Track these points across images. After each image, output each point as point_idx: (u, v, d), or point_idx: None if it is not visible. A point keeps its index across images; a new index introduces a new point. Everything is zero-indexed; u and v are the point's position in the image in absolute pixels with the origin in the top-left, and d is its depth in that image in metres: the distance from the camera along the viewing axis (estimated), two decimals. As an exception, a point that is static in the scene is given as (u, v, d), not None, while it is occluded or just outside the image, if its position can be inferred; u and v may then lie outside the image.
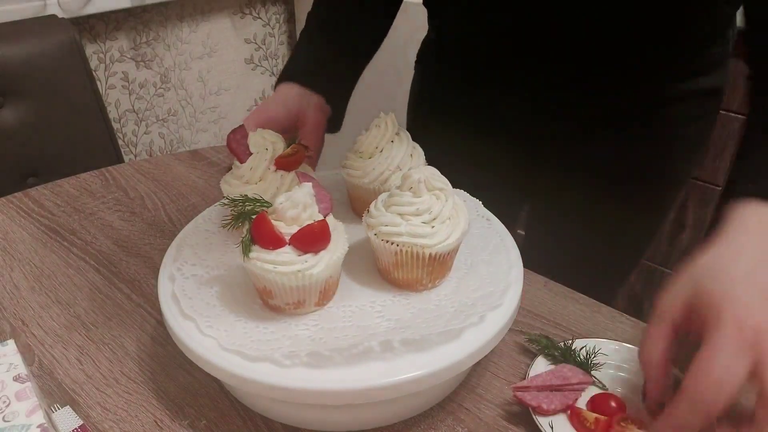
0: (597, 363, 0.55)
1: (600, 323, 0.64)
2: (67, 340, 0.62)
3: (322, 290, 0.51)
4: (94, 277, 0.71)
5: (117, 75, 1.69)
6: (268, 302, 0.52)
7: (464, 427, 0.53)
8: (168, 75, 1.81)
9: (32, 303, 0.67)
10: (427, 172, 0.53)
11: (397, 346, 0.48)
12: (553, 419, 0.50)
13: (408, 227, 0.52)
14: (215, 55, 1.91)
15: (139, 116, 1.80)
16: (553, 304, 0.67)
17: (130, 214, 0.84)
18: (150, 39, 1.73)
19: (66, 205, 0.87)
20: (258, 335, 0.49)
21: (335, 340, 0.49)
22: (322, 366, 0.47)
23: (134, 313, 0.66)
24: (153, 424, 0.53)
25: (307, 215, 0.50)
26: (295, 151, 0.61)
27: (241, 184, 0.60)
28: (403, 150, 0.61)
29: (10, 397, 0.45)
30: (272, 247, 0.49)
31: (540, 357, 0.57)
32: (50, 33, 1.17)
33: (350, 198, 0.67)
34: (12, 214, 0.84)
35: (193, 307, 0.52)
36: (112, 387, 0.57)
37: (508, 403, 0.54)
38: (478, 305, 0.52)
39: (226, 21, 1.90)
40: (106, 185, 0.92)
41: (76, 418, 0.53)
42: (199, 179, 0.94)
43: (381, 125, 0.61)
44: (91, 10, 1.49)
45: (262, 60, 2.06)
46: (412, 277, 0.54)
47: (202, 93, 1.93)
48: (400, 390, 0.46)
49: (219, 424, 0.53)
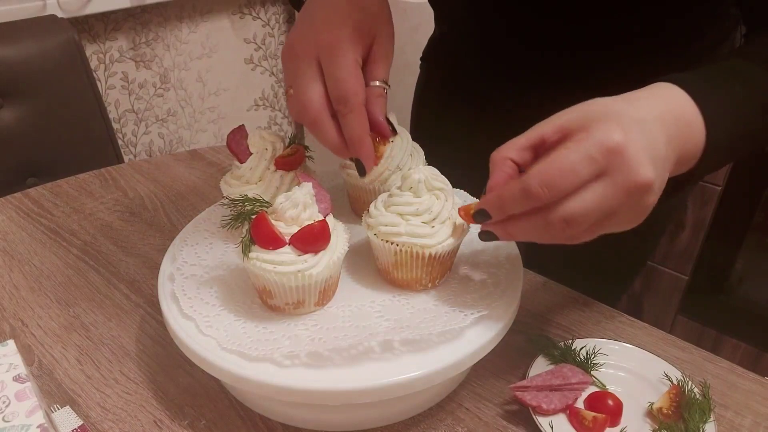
0: (597, 363, 0.55)
1: (600, 323, 0.64)
2: (66, 341, 0.62)
3: (322, 290, 0.51)
4: (93, 277, 0.71)
5: (117, 75, 1.69)
6: (268, 302, 0.52)
7: (464, 426, 0.53)
8: (167, 75, 1.81)
9: (32, 303, 0.67)
10: (427, 172, 0.53)
11: (397, 346, 0.48)
12: (553, 419, 0.50)
13: (408, 227, 0.52)
14: (215, 55, 1.91)
15: (138, 116, 1.79)
16: (553, 304, 0.67)
17: (130, 215, 0.84)
18: (149, 39, 1.72)
19: (65, 205, 0.87)
20: (258, 335, 0.49)
21: (335, 340, 0.49)
22: (322, 366, 0.47)
23: (134, 313, 0.66)
24: (153, 424, 0.53)
25: (307, 215, 0.50)
26: (295, 151, 0.61)
27: (241, 184, 0.60)
28: (403, 150, 0.61)
29: (10, 397, 0.45)
30: (272, 247, 0.49)
31: (540, 357, 0.57)
32: (50, 33, 1.17)
33: (350, 198, 0.67)
34: (12, 215, 0.84)
35: (193, 307, 0.52)
36: (112, 387, 0.57)
37: (508, 402, 0.55)
38: (478, 305, 0.52)
39: (226, 21, 1.90)
40: (106, 186, 0.92)
41: (76, 418, 0.53)
42: (198, 179, 0.94)
43: (381, 125, 0.61)
44: (91, 10, 1.49)
45: (261, 60, 2.06)
46: (412, 277, 0.54)
47: (202, 93, 1.93)
48: (400, 390, 0.46)
49: (219, 424, 0.53)
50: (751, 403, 0.55)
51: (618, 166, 0.40)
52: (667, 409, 0.51)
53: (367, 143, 0.52)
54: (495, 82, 0.75)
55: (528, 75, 0.71)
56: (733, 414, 0.54)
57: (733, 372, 0.59)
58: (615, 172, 0.40)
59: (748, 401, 0.55)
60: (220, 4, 1.86)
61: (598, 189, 0.41)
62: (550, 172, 0.41)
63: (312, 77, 0.51)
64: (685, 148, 0.45)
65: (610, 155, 0.40)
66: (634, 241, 0.81)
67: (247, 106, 2.09)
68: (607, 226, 0.43)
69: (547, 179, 0.41)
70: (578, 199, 0.41)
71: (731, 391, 0.56)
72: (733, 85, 0.48)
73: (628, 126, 0.41)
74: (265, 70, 2.09)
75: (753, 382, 0.58)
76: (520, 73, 0.72)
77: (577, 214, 0.41)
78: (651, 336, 0.63)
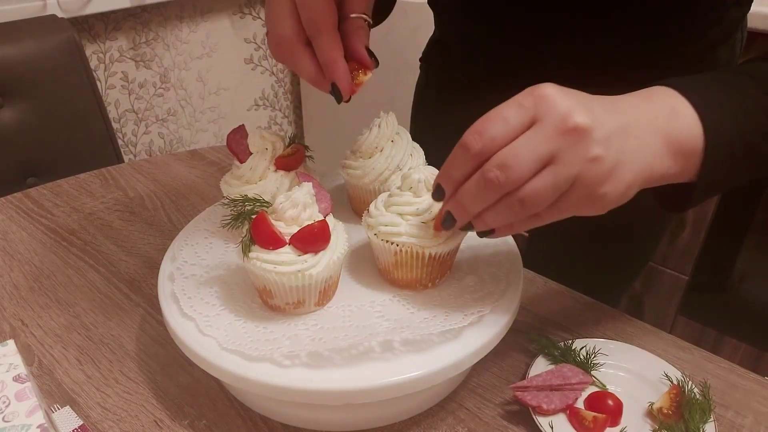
0: (597, 363, 0.55)
1: (600, 323, 0.64)
2: (66, 340, 0.62)
3: (322, 290, 0.51)
4: (93, 277, 0.71)
5: (117, 75, 1.69)
6: (268, 302, 0.52)
7: (464, 426, 0.53)
8: (167, 75, 1.81)
9: (32, 303, 0.67)
10: (427, 172, 0.53)
11: (397, 346, 0.48)
12: (553, 419, 0.50)
13: (408, 227, 0.52)
14: (215, 55, 1.91)
15: (138, 116, 1.79)
16: (553, 304, 0.67)
17: (130, 214, 0.84)
18: (149, 39, 1.72)
19: (65, 205, 0.87)
20: (258, 335, 0.49)
21: (335, 340, 0.49)
22: (322, 366, 0.47)
23: (134, 313, 0.66)
24: (153, 424, 0.53)
25: (307, 215, 0.50)
26: (295, 151, 0.61)
27: (241, 184, 0.60)
28: (403, 150, 0.61)
29: (10, 397, 0.45)
30: (272, 247, 0.49)
31: (540, 357, 0.57)
32: (50, 33, 1.17)
33: (350, 198, 0.67)
34: (12, 215, 0.84)
35: (193, 306, 0.52)
36: (112, 387, 0.57)
37: (508, 402, 0.55)
38: (478, 305, 0.52)
39: (226, 21, 1.90)
40: (106, 185, 0.92)
41: (76, 418, 0.53)
42: (198, 179, 0.94)
43: (381, 125, 0.61)
44: (91, 10, 1.49)
45: (261, 60, 2.06)
46: (412, 277, 0.54)
47: (202, 93, 1.93)
48: (400, 390, 0.46)
49: (219, 424, 0.53)
50: (752, 403, 0.55)
51: (546, 110, 0.40)
52: (667, 409, 0.51)
53: (341, 65, 0.51)
54: (494, 83, 0.75)
55: (526, 77, 0.71)
56: (733, 414, 0.54)
57: (733, 372, 0.59)
58: (544, 115, 0.40)
59: (748, 401, 0.55)
60: (221, 3, 1.86)
61: (528, 133, 0.41)
62: (480, 122, 0.42)
63: (284, 12, 0.50)
64: (674, 133, 0.44)
65: (538, 100, 0.41)
66: (636, 242, 0.81)
67: (247, 105, 2.09)
68: (570, 199, 0.42)
69: (479, 128, 0.41)
70: (510, 145, 0.41)
71: (731, 391, 0.56)
72: (728, 87, 0.47)
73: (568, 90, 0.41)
74: (266, 70, 2.09)
75: (753, 382, 0.58)
76: (518, 75, 0.72)
77: (509, 157, 0.40)
78: (651, 336, 0.63)
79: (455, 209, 0.45)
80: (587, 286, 0.71)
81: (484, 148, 0.41)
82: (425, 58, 0.89)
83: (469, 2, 0.71)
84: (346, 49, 0.51)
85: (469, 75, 0.78)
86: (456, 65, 0.81)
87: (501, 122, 0.41)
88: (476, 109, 0.64)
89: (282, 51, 0.52)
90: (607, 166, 0.41)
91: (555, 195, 0.42)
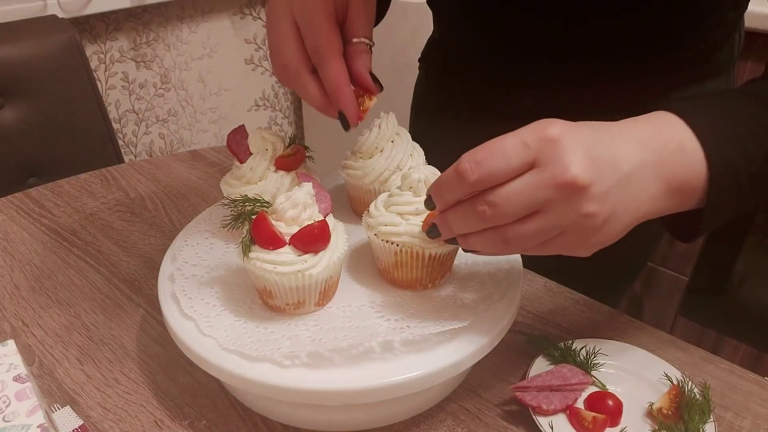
0: (597, 363, 0.55)
1: (600, 323, 0.64)
2: (67, 341, 0.62)
3: (322, 290, 0.51)
4: (94, 277, 0.71)
5: (117, 75, 1.69)
6: (268, 302, 0.52)
7: (464, 427, 0.53)
8: (168, 75, 1.81)
9: (32, 303, 0.67)
10: (427, 171, 0.53)
11: (397, 346, 0.48)
12: (553, 419, 0.50)
13: (408, 227, 0.52)
14: (215, 55, 1.91)
15: (139, 116, 1.80)
16: (553, 304, 0.67)
17: (131, 215, 0.84)
18: (150, 39, 1.73)
19: (66, 205, 0.87)
20: (258, 335, 0.49)
21: (335, 341, 0.49)
22: (322, 366, 0.47)
23: (134, 313, 0.66)
24: (153, 424, 0.53)
25: (307, 215, 0.50)
26: (295, 151, 0.61)
27: (241, 184, 0.60)
28: (403, 150, 0.61)
29: (10, 397, 0.45)
30: (272, 248, 0.49)
31: (540, 357, 0.57)
32: (50, 33, 1.17)
33: (350, 198, 0.67)
34: (12, 215, 0.84)
35: (193, 307, 0.52)
36: (112, 387, 0.57)
37: (508, 403, 0.55)
38: (478, 305, 0.52)
39: (226, 21, 1.90)
40: (107, 185, 0.92)
41: (76, 418, 0.53)
42: (199, 179, 0.94)
43: (381, 125, 0.61)
44: (91, 10, 1.49)
45: (262, 60, 2.06)
46: (412, 277, 0.54)
47: (202, 93, 1.94)
48: (400, 390, 0.46)
49: (219, 424, 0.53)
50: (751, 404, 0.55)
51: (549, 156, 0.39)
52: (667, 410, 0.51)
53: (346, 92, 0.51)
54: (493, 84, 0.75)
55: (525, 78, 0.71)
56: (733, 415, 0.54)
57: (733, 373, 0.59)
58: (546, 162, 0.39)
59: (748, 402, 0.55)
60: (221, 4, 1.86)
61: (526, 177, 0.40)
62: (481, 151, 0.40)
63: (288, 36, 0.50)
64: (677, 174, 0.43)
65: (543, 143, 0.39)
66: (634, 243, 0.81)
67: (247, 106, 2.09)
68: (558, 243, 0.42)
69: (478, 157, 0.40)
70: (506, 185, 0.40)
71: (731, 392, 0.56)
72: (735, 111, 0.47)
73: (576, 126, 0.40)
74: (266, 70, 2.09)
75: (753, 383, 0.58)
76: (517, 76, 0.72)
77: (502, 197, 0.40)
78: (651, 336, 0.63)
79: (441, 226, 0.45)
80: (587, 286, 0.71)
81: (480, 180, 0.40)
82: (424, 59, 0.89)
83: (469, 3, 0.71)
84: (349, 74, 0.52)
85: (468, 75, 0.79)
86: (455, 66, 0.81)
87: (502, 159, 0.40)
88: (475, 109, 0.64)
89: (287, 78, 0.52)
90: (600, 220, 0.40)
91: (541, 239, 0.42)
